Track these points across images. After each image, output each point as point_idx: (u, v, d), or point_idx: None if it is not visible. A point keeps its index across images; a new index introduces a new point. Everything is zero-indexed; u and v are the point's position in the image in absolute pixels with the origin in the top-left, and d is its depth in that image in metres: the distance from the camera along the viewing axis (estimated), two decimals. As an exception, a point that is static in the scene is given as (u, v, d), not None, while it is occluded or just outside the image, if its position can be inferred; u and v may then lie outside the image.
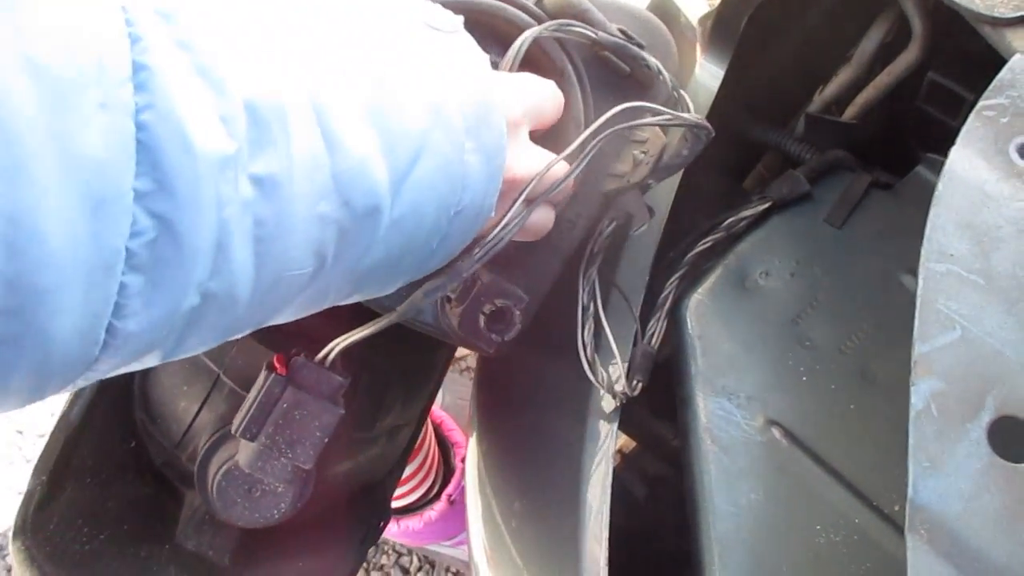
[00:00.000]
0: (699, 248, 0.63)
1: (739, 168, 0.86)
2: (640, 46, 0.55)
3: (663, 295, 0.62)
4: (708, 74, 0.71)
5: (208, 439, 0.60)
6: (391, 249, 0.39)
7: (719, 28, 0.69)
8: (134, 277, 0.28)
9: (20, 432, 1.85)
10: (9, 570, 1.66)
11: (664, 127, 0.55)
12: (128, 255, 0.27)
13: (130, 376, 0.67)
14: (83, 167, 0.25)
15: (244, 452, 0.50)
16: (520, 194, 0.46)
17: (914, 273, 0.58)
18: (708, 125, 0.55)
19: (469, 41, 0.43)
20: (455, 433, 1.31)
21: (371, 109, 0.35)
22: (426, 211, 0.39)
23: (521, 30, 0.52)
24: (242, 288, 0.32)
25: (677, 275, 0.62)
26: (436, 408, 1.35)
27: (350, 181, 0.34)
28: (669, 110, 0.53)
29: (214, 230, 0.29)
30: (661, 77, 0.56)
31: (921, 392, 0.37)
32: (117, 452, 0.67)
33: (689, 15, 0.76)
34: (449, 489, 1.23)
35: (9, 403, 0.28)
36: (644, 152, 0.56)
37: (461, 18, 0.43)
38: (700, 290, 0.63)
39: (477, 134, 0.40)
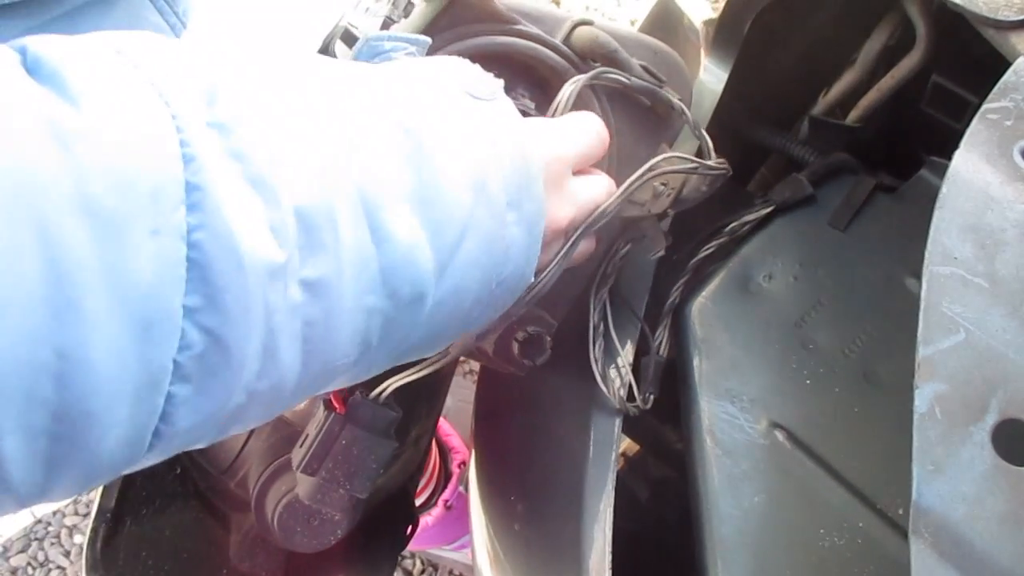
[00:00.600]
0: (703, 254, 0.63)
1: (742, 171, 0.86)
2: (661, 81, 0.57)
3: (668, 301, 0.62)
4: (712, 77, 0.71)
5: (263, 472, 0.63)
6: (433, 328, 0.39)
7: (723, 31, 0.69)
8: (182, 387, 0.28)
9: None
10: (13, 572, 1.67)
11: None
12: (176, 367, 0.28)
13: None
14: (133, 294, 0.26)
15: (304, 485, 0.52)
16: (569, 240, 0.48)
17: (918, 276, 0.58)
18: (728, 169, 0.58)
19: (508, 108, 0.43)
20: (452, 438, 1.31)
21: (418, 196, 0.36)
22: (469, 288, 0.39)
23: (553, 71, 0.54)
24: (288, 382, 0.33)
25: (681, 281, 0.62)
26: (435, 413, 1.35)
27: (397, 272, 0.35)
28: (696, 159, 0.56)
29: (262, 337, 0.30)
30: (684, 117, 0.58)
31: (925, 395, 0.37)
32: (166, 481, 0.69)
33: (693, 18, 0.76)
34: (445, 495, 1.23)
35: (56, 497, 0.29)
36: (664, 184, 0.58)
37: (501, 82, 0.44)
38: (704, 293, 0.63)
39: (519, 205, 0.41)
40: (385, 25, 0.50)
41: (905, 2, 0.64)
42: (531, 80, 0.55)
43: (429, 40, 0.47)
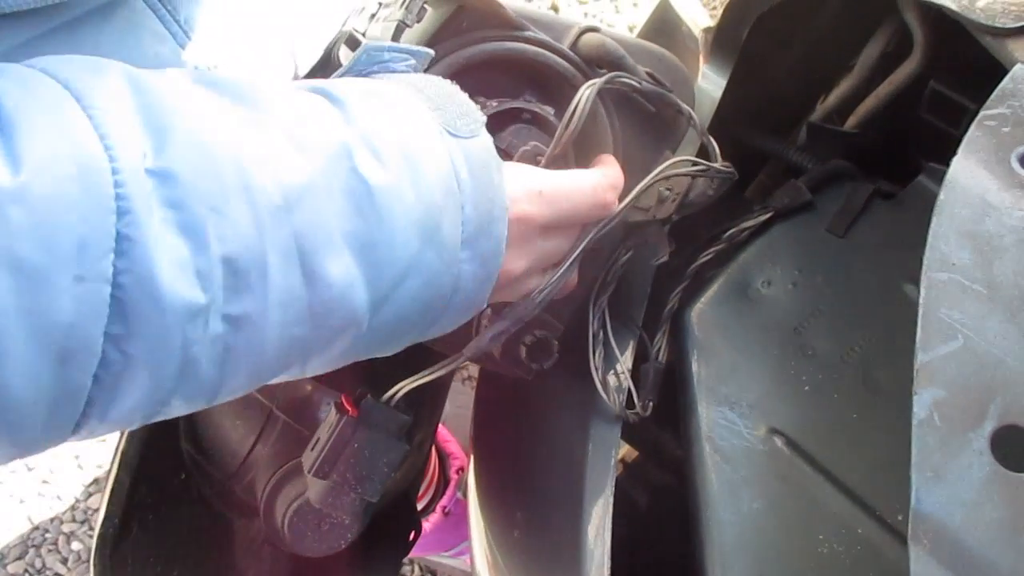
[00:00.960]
0: (701, 260, 0.63)
1: (741, 177, 0.86)
2: (667, 88, 0.58)
3: (667, 308, 0.62)
4: (711, 83, 0.71)
5: (271, 476, 0.63)
6: (375, 345, 0.42)
7: (722, 38, 0.70)
8: (100, 393, 0.32)
9: (22, 440, 1.85)
10: (10, 579, 1.66)
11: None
12: (96, 380, 0.31)
13: None
14: (52, 330, 0.29)
15: (315, 489, 0.52)
16: (569, 260, 0.50)
17: (916, 282, 0.58)
18: (734, 172, 0.59)
19: (484, 146, 0.43)
20: (450, 444, 1.31)
21: (359, 241, 0.37)
22: (409, 316, 0.41)
23: (561, 76, 0.55)
24: (210, 390, 0.36)
25: (680, 287, 0.62)
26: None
27: (327, 307, 0.37)
28: (704, 161, 0.57)
29: (179, 362, 0.33)
30: (692, 121, 0.60)
31: (924, 401, 0.37)
32: (171, 486, 0.70)
33: (691, 25, 0.76)
34: (443, 500, 1.22)
35: None
36: (669, 189, 0.58)
37: (484, 119, 0.44)
38: (702, 300, 0.63)
39: (475, 243, 0.42)
40: (398, 30, 0.50)
41: (903, 9, 0.64)
42: (539, 84, 0.56)
43: (431, 52, 0.47)
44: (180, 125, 0.32)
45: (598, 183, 0.50)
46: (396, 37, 0.51)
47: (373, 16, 0.59)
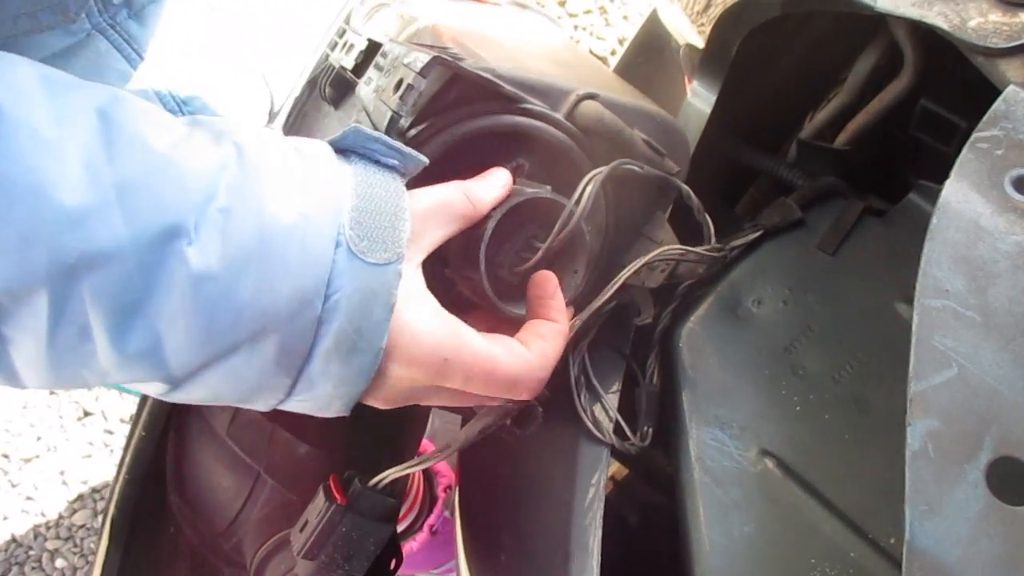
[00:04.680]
0: (686, 282, 0.62)
1: (731, 193, 0.85)
2: (662, 153, 0.58)
3: (657, 328, 0.61)
4: (700, 99, 0.71)
5: (259, 547, 0.64)
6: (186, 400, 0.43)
7: (711, 54, 0.69)
8: None
9: (6, 456, 1.84)
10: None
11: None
12: None
13: (161, 461, 0.70)
14: None
15: (303, 567, 0.53)
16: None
17: (908, 301, 0.58)
18: (727, 255, 0.61)
19: (383, 280, 0.42)
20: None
21: (164, 318, 0.37)
22: (221, 396, 0.42)
23: (557, 148, 0.55)
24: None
25: (670, 308, 0.62)
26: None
27: (116, 367, 0.38)
28: (691, 248, 0.59)
29: None
30: (690, 201, 0.60)
31: (918, 432, 0.37)
32: (160, 541, 0.71)
33: (679, 41, 0.76)
34: (431, 519, 1.21)
35: None
36: (660, 260, 0.59)
37: (401, 255, 0.42)
38: (692, 319, 0.63)
39: (328, 364, 0.41)
40: (392, 122, 0.50)
41: (893, 27, 0.64)
42: (532, 150, 0.55)
43: (425, 161, 0.46)
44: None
45: (524, 374, 0.48)
46: (389, 129, 0.50)
47: (346, 45, 0.58)
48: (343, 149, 0.45)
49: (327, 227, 0.40)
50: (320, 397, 0.43)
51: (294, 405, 0.43)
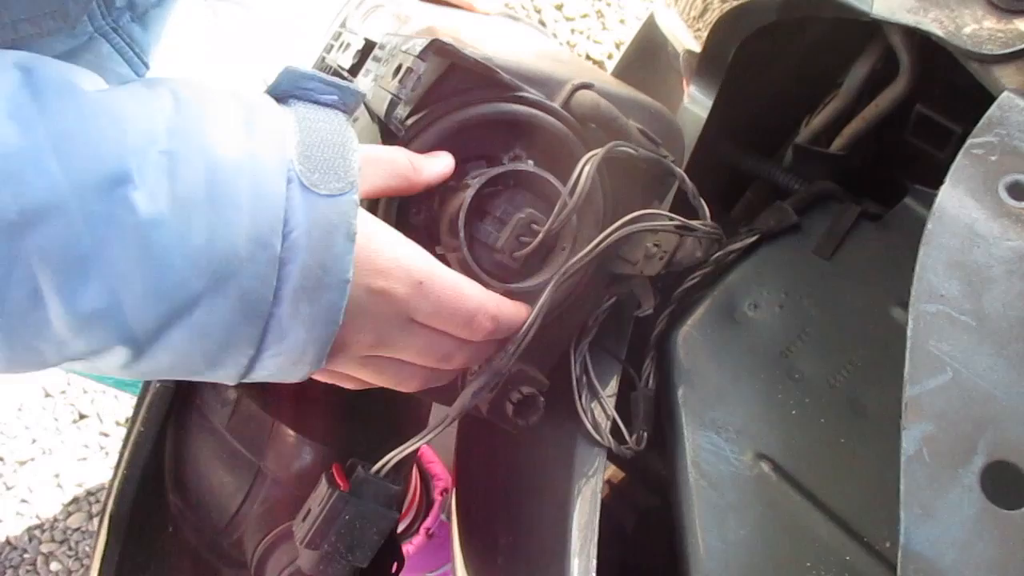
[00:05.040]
0: (688, 283, 0.62)
1: (726, 197, 0.86)
2: (657, 143, 0.58)
3: (654, 332, 0.61)
4: (696, 104, 0.71)
5: (261, 540, 0.64)
6: (152, 375, 0.42)
7: (708, 59, 0.69)
8: None
9: (1, 459, 1.83)
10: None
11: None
12: None
13: (160, 459, 0.69)
14: None
15: (306, 557, 0.53)
16: (543, 296, 0.50)
17: (903, 305, 0.58)
18: (720, 232, 0.59)
19: (341, 210, 0.41)
20: (434, 465, 1.30)
21: (115, 272, 0.36)
22: (190, 356, 0.41)
23: (553, 135, 0.55)
24: None
25: (666, 312, 0.62)
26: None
27: (72, 331, 0.37)
28: (680, 217, 0.57)
29: None
30: (684, 185, 0.59)
31: (913, 436, 0.37)
32: (159, 540, 0.70)
33: (676, 44, 0.76)
34: (427, 522, 1.21)
35: None
36: (657, 246, 0.58)
37: (355, 181, 0.42)
38: (688, 322, 0.63)
39: (297, 303, 0.41)
40: (392, 105, 0.50)
41: (888, 33, 0.64)
42: (529, 139, 0.55)
43: (362, 93, 0.46)
44: None
45: (482, 307, 0.48)
46: (389, 112, 0.50)
47: (342, 46, 0.58)
48: (281, 96, 0.44)
49: (275, 163, 0.39)
50: (293, 346, 0.41)
51: (267, 364, 0.42)
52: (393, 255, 0.44)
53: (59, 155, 0.34)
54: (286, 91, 0.44)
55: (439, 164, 0.50)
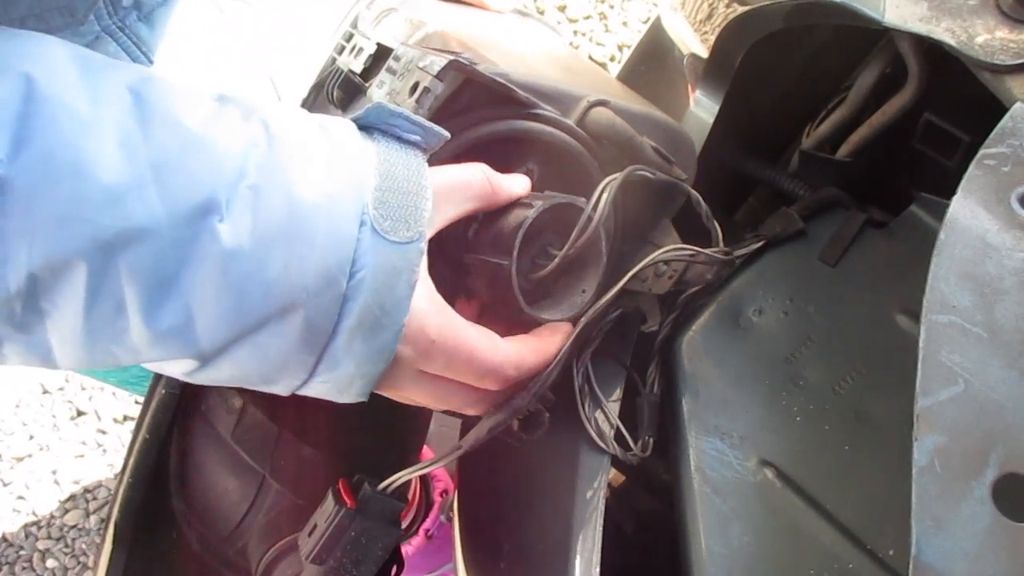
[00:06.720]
0: (692, 289, 0.62)
1: (731, 202, 0.86)
2: (670, 161, 0.58)
3: (658, 337, 0.61)
4: (702, 108, 0.71)
5: (265, 552, 0.64)
6: (211, 381, 0.44)
7: (715, 65, 0.69)
8: None
9: (-2, 455, 1.83)
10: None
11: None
12: None
13: (165, 465, 0.69)
14: None
15: (311, 572, 0.53)
16: (563, 352, 0.52)
17: (909, 313, 0.58)
18: (735, 261, 0.60)
19: (407, 256, 0.43)
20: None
21: (196, 294, 0.38)
22: (248, 376, 0.43)
23: (568, 153, 0.55)
24: None
25: (671, 317, 0.62)
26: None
27: (148, 344, 0.39)
28: (697, 248, 0.58)
29: None
30: (700, 208, 0.60)
31: (924, 448, 0.37)
32: (163, 545, 0.70)
33: (682, 49, 0.76)
34: (427, 524, 1.21)
35: None
36: (667, 264, 0.59)
37: (424, 233, 0.43)
38: (693, 328, 0.63)
39: (351, 341, 0.42)
40: None
41: (897, 40, 0.64)
42: (544, 156, 0.55)
43: (446, 135, 0.47)
44: (41, 137, 0.34)
45: (505, 360, 0.49)
46: None
47: (354, 49, 0.58)
48: (366, 126, 0.46)
49: (351, 207, 0.41)
50: (342, 377, 0.43)
51: (314, 386, 0.44)
52: (425, 323, 0.45)
53: (159, 185, 0.36)
54: (372, 123, 0.45)
55: (517, 184, 0.52)
